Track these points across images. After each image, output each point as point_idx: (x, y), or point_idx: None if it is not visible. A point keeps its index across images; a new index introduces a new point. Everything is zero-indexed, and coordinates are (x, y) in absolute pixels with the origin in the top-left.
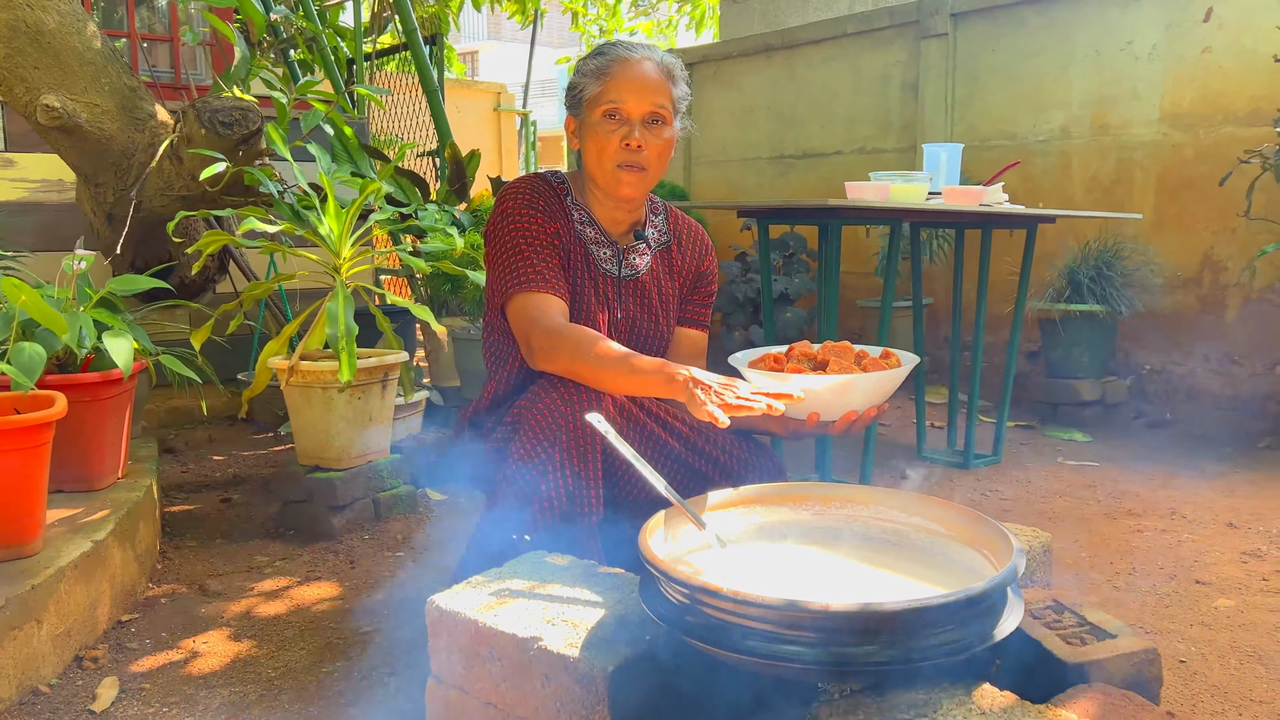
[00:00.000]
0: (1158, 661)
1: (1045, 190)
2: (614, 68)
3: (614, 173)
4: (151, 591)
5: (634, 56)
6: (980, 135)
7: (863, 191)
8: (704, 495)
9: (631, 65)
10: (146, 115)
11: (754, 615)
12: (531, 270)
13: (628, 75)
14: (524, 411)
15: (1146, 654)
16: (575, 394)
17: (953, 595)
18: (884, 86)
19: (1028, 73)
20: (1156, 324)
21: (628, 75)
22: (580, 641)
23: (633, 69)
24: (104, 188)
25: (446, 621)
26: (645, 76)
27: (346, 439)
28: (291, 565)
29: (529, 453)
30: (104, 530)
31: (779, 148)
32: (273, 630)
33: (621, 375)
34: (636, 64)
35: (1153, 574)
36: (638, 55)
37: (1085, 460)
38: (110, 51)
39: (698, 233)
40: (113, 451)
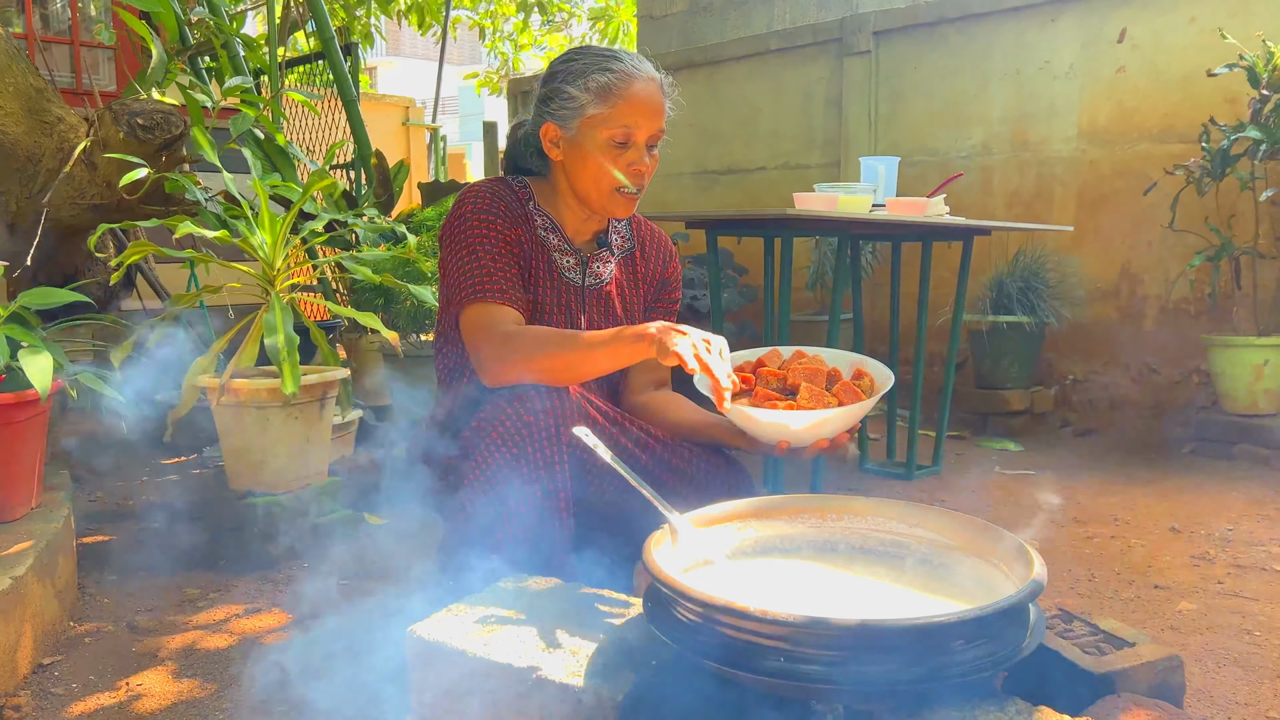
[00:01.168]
0: (1181, 669)
1: (968, 205)
2: (623, 89)
3: (612, 196)
4: (74, 630)
5: (644, 75)
6: (903, 151)
7: (811, 203)
8: (698, 511)
9: (640, 86)
10: (55, 119)
11: (776, 634)
12: (488, 279)
13: (638, 98)
14: (484, 424)
15: (1170, 661)
16: (538, 403)
17: (988, 608)
18: (807, 103)
19: (949, 90)
20: (1080, 335)
21: (638, 98)
22: (583, 670)
23: (642, 90)
24: (7, 195)
25: (429, 653)
26: (654, 98)
27: (283, 462)
28: (228, 596)
29: (492, 468)
30: (22, 565)
31: (702, 163)
32: (214, 668)
33: (589, 353)
34: (646, 84)
35: (1111, 580)
36: (647, 73)
37: (1022, 469)
38: (15, 50)
39: (661, 239)
40: (26, 480)
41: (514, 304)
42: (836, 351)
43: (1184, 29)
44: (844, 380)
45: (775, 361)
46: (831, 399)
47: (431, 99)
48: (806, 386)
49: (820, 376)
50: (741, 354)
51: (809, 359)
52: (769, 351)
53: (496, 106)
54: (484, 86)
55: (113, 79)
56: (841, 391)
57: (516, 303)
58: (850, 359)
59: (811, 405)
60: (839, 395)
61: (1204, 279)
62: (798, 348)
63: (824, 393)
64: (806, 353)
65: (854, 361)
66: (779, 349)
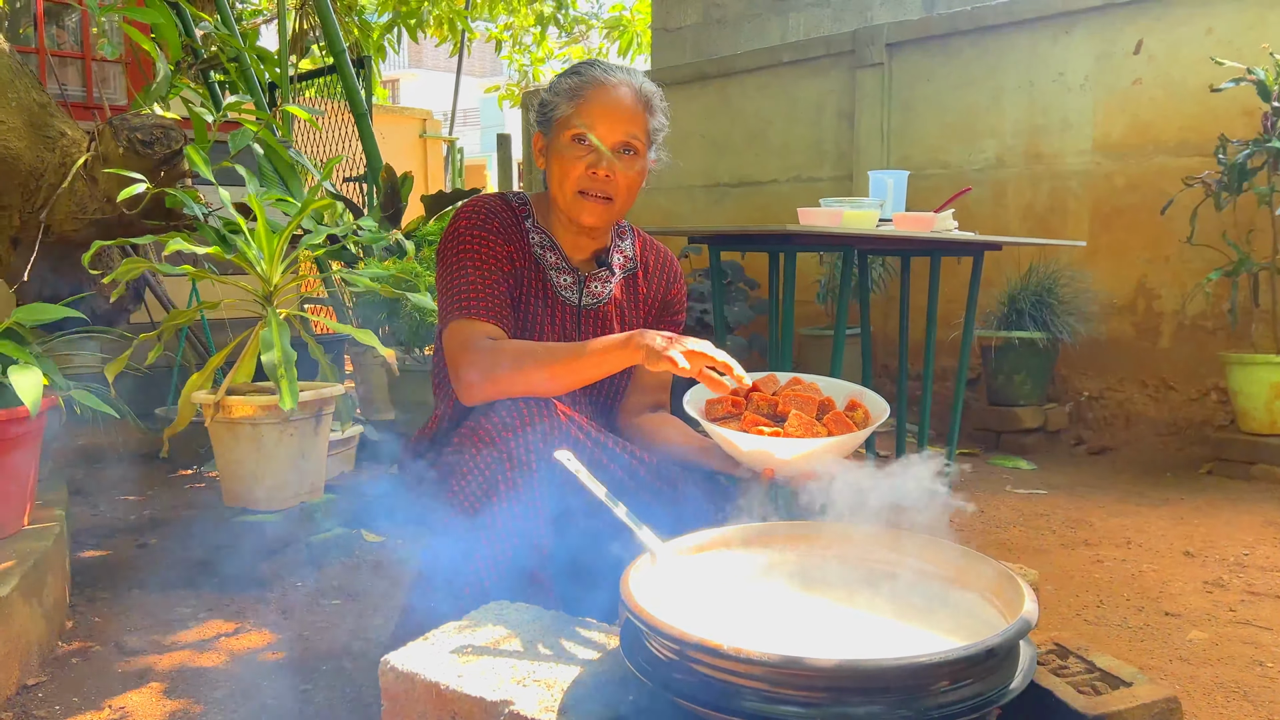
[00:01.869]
0: (1179, 711)
1: (981, 219)
2: (588, 90)
3: (576, 199)
4: (62, 650)
5: (611, 80)
6: (915, 164)
7: (816, 217)
8: (681, 538)
9: (607, 90)
10: (58, 133)
11: (753, 674)
12: (473, 295)
13: (602, 100)
14: (465, 440)
15: (1168, 703)
16: (518, 422)
17: (974, 647)
18: (819, 115)
19: (962, 102)
20: (1094, 351)
21: (602, 100)
22: (556, 705)
23: (608, 94)
24: (9, 210)
25: (404, 684)
26: (620, 103)
27: (278, 479)
28: (219, 616)
29: (471, 488)
30: (8, 585)
31: (713, 176)
32: (201, 690)
33: (574, 361)
34: (613, 89)
35: (1120, 606)
36: (615, 79)
37: (1033, 488)
38: (18, 65)
39: (666, 259)
40: (17, 496)
41: (498, 321)
42: (835, 381)
43: (1200, 40)
44: (836, 411)
45: (770, 387)
46: (821, 429)
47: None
48: (796, 414)
49: (811, 405)
50: None
51: (804, 386)
52: (765, 376)
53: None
54: (505, 99)
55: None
56: (832, 422)
57: (501, 320)
58: (848, 390)
59: (799, 434)
60: (829, 425)
61: (1222, 295)
62: (795, 374)
63: (813, 422)
64: (804, 380)
65: (851, 392)
66: (776, 374)
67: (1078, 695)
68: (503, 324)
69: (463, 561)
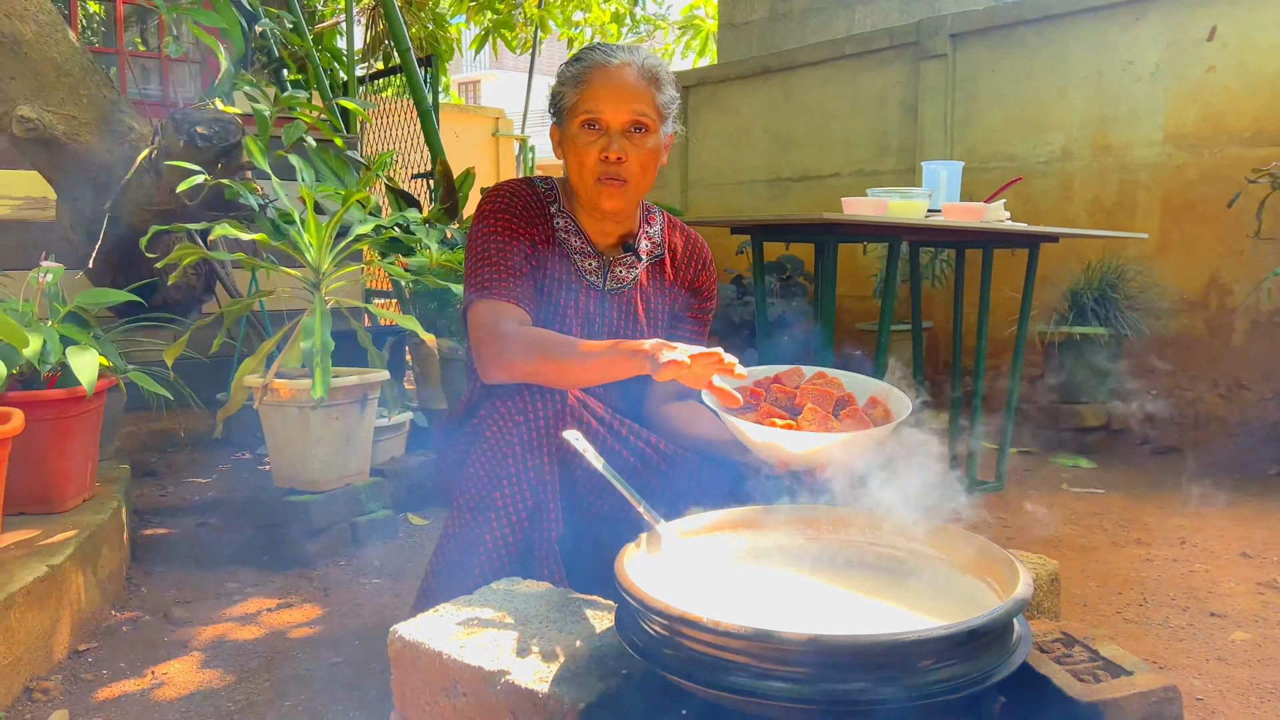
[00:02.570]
0: (1179, 700)
1: (1045, 212)
2: (591, 74)
3: (594, 186)
4: (114, 618)
5: (613, 62)
6: (979, 157)
7: (860, 207)
8: (691, 516)
9: (610, 71)
10: (126, 128)
11: (732, 647)
12: (496, 277)
13: (606, 82)
14: (482, 423)
15: (1166, 692)
16: (531, 404)
17: (954, 627)
18: (882, 108)
19: (1027, 94)
20: (1162, 348)
21: (606, 82)
22: (551, 676)
23: (611, 75)
24: (82, 202)
25: (410, 653)
26: (625, 83)
27: (323, 460)
28: (263, 592)
29: (484, 467)
30: (62, 554)
31: (775, 170)
32: (237, 660)
33: (581, 363)
34: (616, 70)
35: (1164, 605)
36: (617, 60)
37: (1091, 487)
38: (89, 63)
39: (696, 245)
40: (78, 472)
41: (519, 302)
42: (861, 377)
43: (1277, 26)
44: (854, 407)
45: (794, 381)
46: (836, 424)
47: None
48: (811, 408)
49: (829, 399)
50: (761, 369)
51: (826, 381)
52: (789, 370)
53: None
54: None
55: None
56: (848, 417)
57: (522, 301)
58: (873, 387)
59: (813, 428)
60: (845, 420)
61: None
62: (820, 369)
63: (829, 416)
64: (828, 375)
65: (875, 389)
66: (801, 368)
67: (1075, 682)
68: (525, 305)
69: (475, 540)
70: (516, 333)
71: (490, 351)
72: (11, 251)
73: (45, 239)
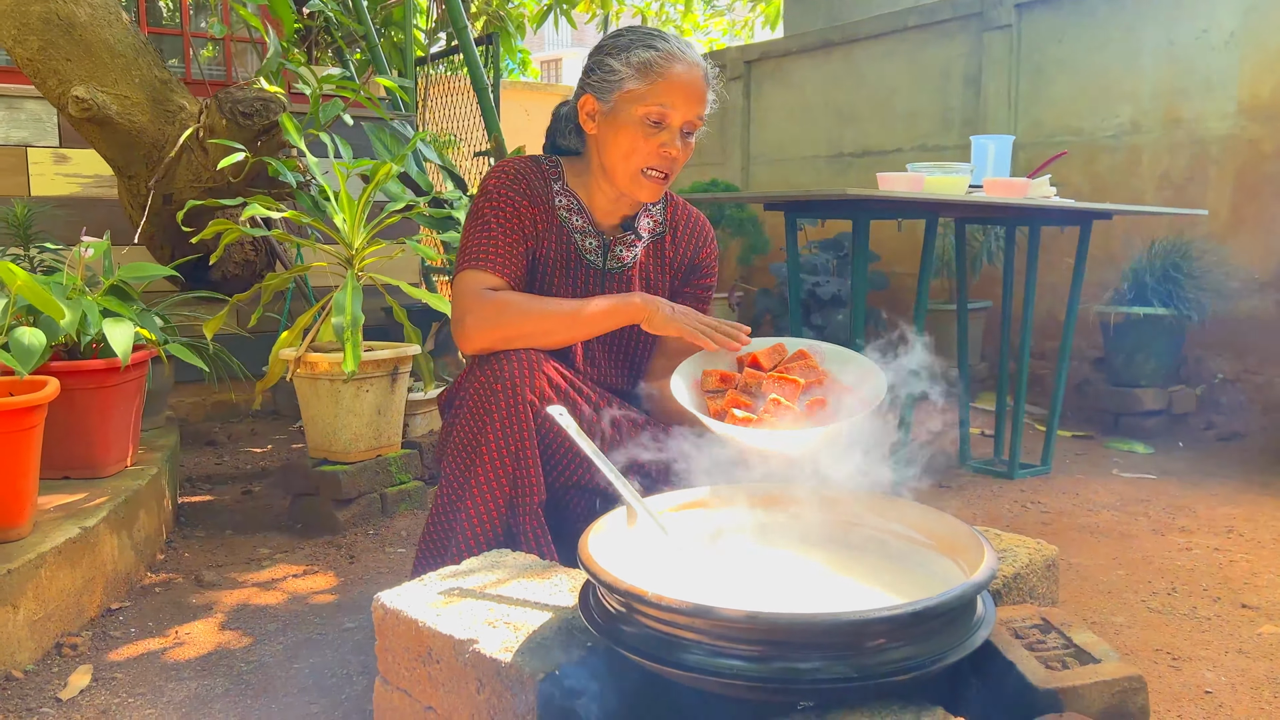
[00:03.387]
0: (1143, 691)
1: (1112, 187)
2: (665, 68)
3: (638, 177)
4: (148, 580)
5: (688, 59)
6: (1045, 131)
7: (895, 183)
8: (673, 492)
9: (686, 70)
10: (177, 107)
11: (677, 623)
12: (490, 248)
13: (682, 80)
14: (463, 393)
15: (1130, 682)
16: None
17: (899, 608)
18: (945, 81)
19: (1095, 65)
20: (1232, 330)
21: (682, 80)
22: (517, 646)
23: (686, 74)
24: (136, 180)
25: (391, 620)
26: (697, 84)
27: (354, 432)
28: (291, 558)
29: (467, 437)
30: (96, 517)
31: (837, 146)
32: (257, 623)
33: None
34: (689, 69)
35: (1195, 595)
36: (690, 58)
37: (1142, 473)
38: (141, 44)
39: (697, 223)
40: (119, 439)
41: (506, 275)
42: (850, 354)
43: None
44: (818, 400)
45: (776, 358)
46: (800, 416)
47: None
48: (773, 400)
49: (794, 390)
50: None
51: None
52: (774, 346)
53: None
54: None
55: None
56: (812, 408)
57: (510, 275)
58: (856, 366)
59: (772, 419)
60: (810, 412)
61: None
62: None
63: (790, 408)
64: (811, 352)
65: (862, 369)
66: (785, 344)
67: (1039, 669)
68: (513, 280)
69: (459, 511)
70: (503, 297)
71: (474, 318)
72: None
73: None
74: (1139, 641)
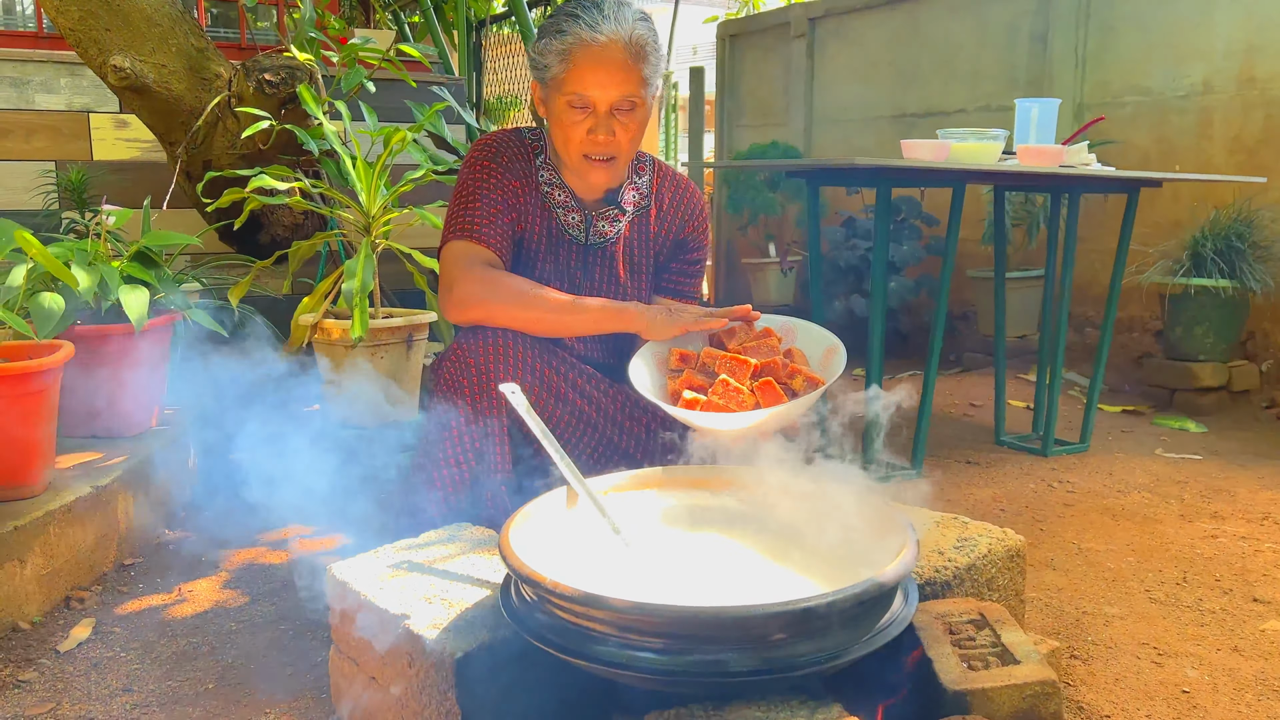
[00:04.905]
0: (1056, 697)
1: (1182, 151)
2: (577, 52)
3: (582, 162)
4: (166, 536)
5: (599, 38)
6: (1112, 91)
7: (919, 150)
8: (609, 475)
9: (595, 50)
10: (214, 75)
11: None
12: (476, 219)
13: (592, 62)
14: (445, 363)
15: (1043, 686)
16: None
17: (786, 604)
18: (1011, 39)
19: (1167, 19)
20: None
21: (592, 62)
22: (444, 624)
23: (597, 54)
24: (177, 146)
25: (339, 591)
26: (612, 63)
27: (371, 397)
28: (301, 518)
29: (438, 410)
30: (110, 476)
31: (900, 106)
32: (256, 583)
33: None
34: (601, 49)
35: (1204, 586)
36: (603, 37)
37: (1188, 453)
38: (178, 13)
39: (684, 194)
40: (141, 401)
41: (491, 246)
42: (818, 330)
43: None
44: (767, 381)
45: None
46: (748, 398)
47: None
48: (723, 380)
49: (744, 369)
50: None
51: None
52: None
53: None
54: None
55: None
56: (761, 389)
57: (495, 246)
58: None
59: (720, 401)
60: (759, 393)
61: None
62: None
63: (739, 389)
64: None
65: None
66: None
67: (955, 668)
68: (500, 252)
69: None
70: (502, 277)
71: (467, 290)
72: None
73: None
74: (1126, 634)
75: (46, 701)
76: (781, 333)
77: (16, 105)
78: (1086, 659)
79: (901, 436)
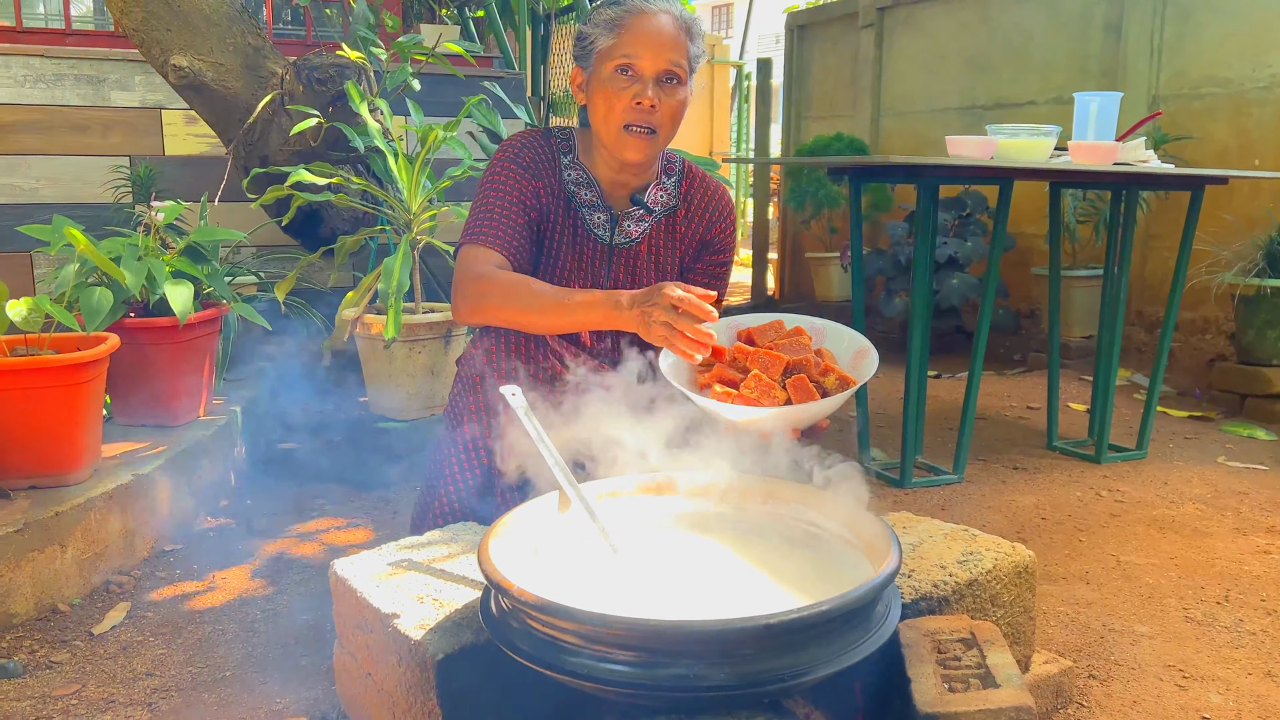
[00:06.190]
0: None
1: (1263, 145)
2: (629, 20)
3: (620, 135)
4: (206, 524)
5: (651, 8)
6: (1190, 82)
7: (963, 147)
8: (607, 480)
9: (648, 18)
10: (269, 73)
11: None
12: (489, 223)
13: (644, 28)
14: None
15: (1019, 713)
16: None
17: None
18: (1084, 28)
19: (1248, 6)
20: None
21: (644, 28)
22: (431, 625)
23: (649, 22)
24: (234, 143)
25: (340, 587)
26: (663, 30)
27: (408, 391)
28: (338, 510)
29: (455, 407)
30: (152, 465)
31: (970, 98)
32: (286, 572)
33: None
34: (653, 16)
35: (1248, 607)
36: (655, 6)
37: (1253, 463)
38: (235, 12)
39: (715, 197)
40: (189, 391)
41: (504, 250)
42: (848, 331)
43: None
44: (800, 377)
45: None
46: (780, 393)
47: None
48: (755, 375)
49: (777, 365)
50: (749, 317)
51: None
52: (772, 322)
53: None
54: None
55: None
56: (794, 386)
57: (509, 250)
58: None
59: (753, 396)
60: (791, 389)
61: None
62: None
63: (772, 384)
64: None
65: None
66: (783, 320)
67: (932, 689)
68: (512, 256)
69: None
70: (495, 277)
71: (464, 294)
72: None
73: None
74: (1153, 655)
75: (73, 683)
76: (811, 333)
77: (94, 102)
78: (1105, 679)
79: (947, 440)
